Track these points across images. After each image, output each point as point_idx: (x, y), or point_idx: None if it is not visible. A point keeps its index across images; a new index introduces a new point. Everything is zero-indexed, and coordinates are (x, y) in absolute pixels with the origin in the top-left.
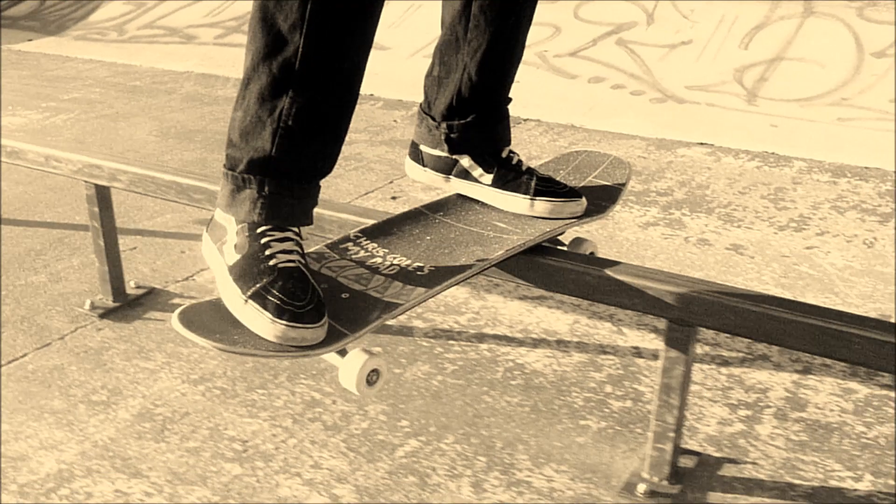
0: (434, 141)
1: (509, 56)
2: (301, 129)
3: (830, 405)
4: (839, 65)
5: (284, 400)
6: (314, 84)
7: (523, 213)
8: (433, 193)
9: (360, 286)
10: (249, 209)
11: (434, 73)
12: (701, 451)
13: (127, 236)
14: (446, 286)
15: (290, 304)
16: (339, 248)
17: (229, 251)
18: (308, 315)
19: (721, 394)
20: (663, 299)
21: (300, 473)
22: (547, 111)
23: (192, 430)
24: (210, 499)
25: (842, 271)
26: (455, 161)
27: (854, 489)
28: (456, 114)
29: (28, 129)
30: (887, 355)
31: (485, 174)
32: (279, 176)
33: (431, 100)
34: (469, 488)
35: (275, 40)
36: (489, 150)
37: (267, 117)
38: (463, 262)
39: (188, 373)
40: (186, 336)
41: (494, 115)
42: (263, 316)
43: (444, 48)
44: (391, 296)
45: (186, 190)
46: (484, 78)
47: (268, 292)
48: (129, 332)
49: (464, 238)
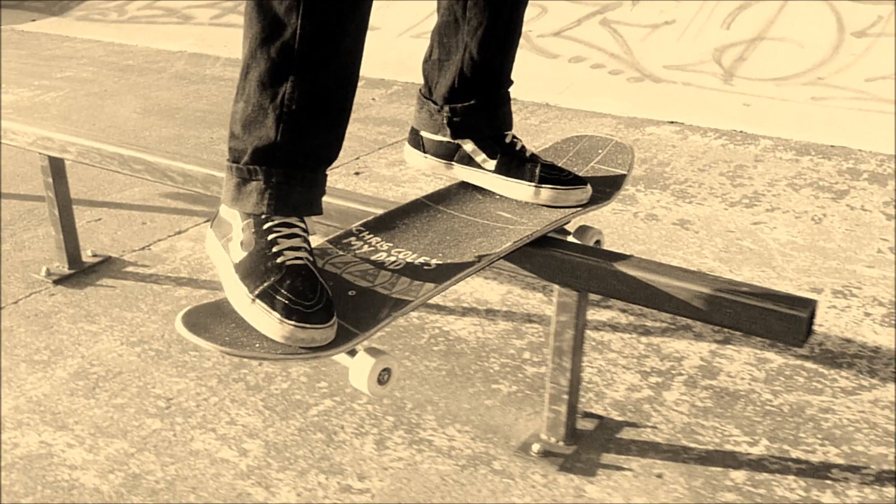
0: (436, 126)
1: (510, 32)
2: (305, 113)
3: (742, 374)
4: (819, 44)
5: (214, 362)
6: (315, 66)
7: (527, 200)
8: (396, 169)
9: (366, 283)
10: (257, 201)
11: (433, 56)
12: (604, 415)
13: (95, 208)
14: (455, 280)
15: (298, 303)
16: (342, 242)
17: (235, 248)
18: (317, 315)
19: (636, 362)
20: (550, 265)
21: (215, 429)
22: (523, 90)
23: (121, 388)
24: (127, 450)
25: (783, 246)
26: (457, 146)
27: (747, 453)
28: (458, 96)
29: (17, 105)
30: (756, 318)
31: (488, 160)
32: (285, 164)
33: (432, 84)
34: (372, 445)
35: (272, 24)
36: (492, 133)
37: (269, 104)
38: (470, 256)
39: (128, 335)
40: (191, 340)
41: (497, 97)
42: (272, 316)
43: (442, 30)
44: (400, 292)
45: (127, 161)
46: (486, 56)
47: (276, 291)
48: (80, 298)
49: (469, 230)
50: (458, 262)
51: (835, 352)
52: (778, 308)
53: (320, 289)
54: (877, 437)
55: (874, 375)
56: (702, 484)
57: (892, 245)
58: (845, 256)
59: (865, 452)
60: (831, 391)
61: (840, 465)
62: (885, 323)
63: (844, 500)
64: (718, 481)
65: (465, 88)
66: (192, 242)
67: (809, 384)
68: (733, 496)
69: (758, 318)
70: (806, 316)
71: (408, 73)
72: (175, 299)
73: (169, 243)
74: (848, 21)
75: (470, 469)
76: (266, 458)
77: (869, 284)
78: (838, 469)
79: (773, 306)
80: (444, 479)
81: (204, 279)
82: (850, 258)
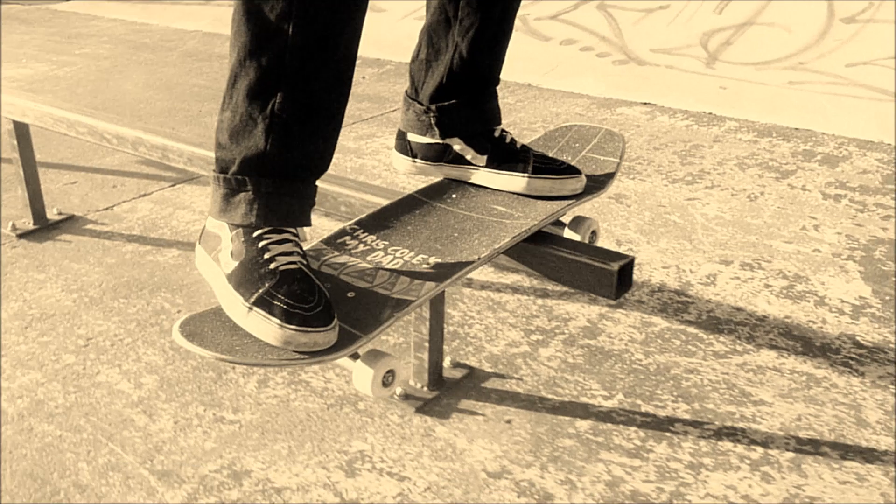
0: (423, 127)
1: (501, 34)
2: (296, 123)
3: (622, 335)
4: (806, 30)
5: (138, 308)
6: (307, 76)
7: (521, 192)
8: (362, 143)
9: (365, 283)
10: (245, 212)
11: (421, 56)
12: (476, 366)
13: (75, 172)
14: (456, 279)
15: (297, 307)
16: (337, 242)
17: (226, 259)
18: (317, 318)
19: (525, 321)
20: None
21: (121, 365)
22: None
23: (50, 328)
24: (38, 380)
25: (709, 221)
26: (446, 147)
27: (600, 405)
28: (445, 95)
29: (31, 79)
30: (574, 271)
31: (478, 156)
32: (275, 174)
33: (419, 84)
34: (255, 384)
35: (263, 33)
36: (481, 130)
37: (258, 114)
38: (469, 253)
39: (70, 284)
40: (189, 349)
41: (484, 95)
42: (271, 322)
43: (432, 29)
44: (400, 292)
45: (73, 125)
46: (476, 57)
47: (273, 297)
48: (37, 251)
49: (464, 225)
50: (456, 261)
51: (721, 319)
52: (591, 262)
53: (318, 291)
54: (731, 396)
55: (751, 342)
56: (546, 431)
57: (818, 223)
58: (767, 232)
59: (714, 410)
60: (703, 354)
61: (684, 420)
62: (781, 295)
63: (676, 451)
64: (562, 429)
65: (452, 88)
66: (152, 204)
67: (684, 347)
68: (570, 442)
69: (575, 271)
70: (615, 270)
71: (404, 54)
72: (121, 254)
73: (132, 205)
74: (839, 6)
75: (336, 408)
76: (158, 391)
77: (780, 259)
78: (681, 423)
79: (588, 260)
80: (309, 415)
81: (152, 237)
82: (772, 234)
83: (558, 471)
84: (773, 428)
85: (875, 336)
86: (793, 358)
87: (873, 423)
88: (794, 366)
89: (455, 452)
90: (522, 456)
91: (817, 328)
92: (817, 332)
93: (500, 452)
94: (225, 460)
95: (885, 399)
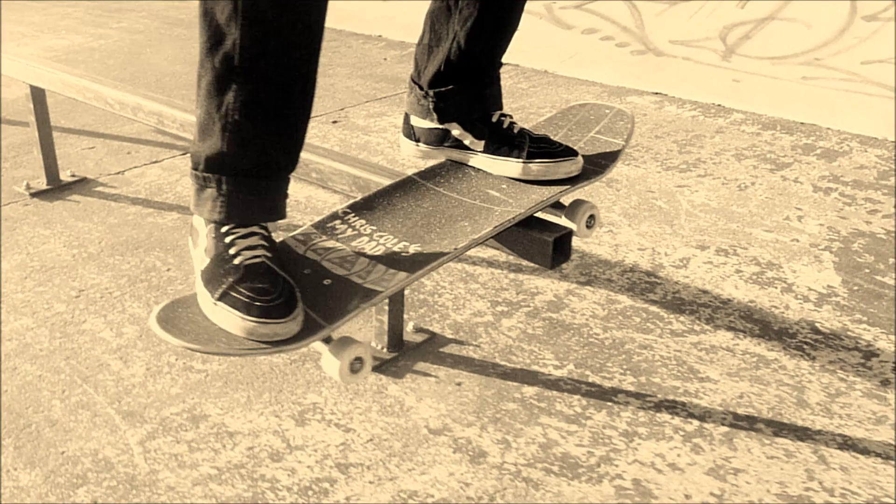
0: (423, 111)
1: (501, 26)
2: (248, 122)
3: (585, 311)
4: (826, 26)
5: (132, 265)
6: (255, 76)
7: (517, 177)
8: (371, 121)
9: (343, 271)
10: (211, 208)
11: (424, 40)
12: (438, 332)
13: (94, 138)
14: (427, 270)
15: (258, 299)
16: (327, 227)
17: (200, 256)
18: (277, 309)
19: (493, 293)
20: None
21: (106, 315)
22: (528, 58)
23: (47, 279)
24: (28, 325)
25: (695, 208)
26: (445, 131)
27: (549, 374)
28: (443, 81)
29: (67, 49)
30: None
31: (476, 141)
32: (235, 173)
33: (421, 68)
34: None
35: (215, 34)
36: (478, 115)
37: (216, 113)
38: (448, 242)
39: (72, 240)
40: (161, 336)
41: (483, 81)
42: (233, 315)
43: (434, 16)
44: (373, 281)
45: (82, 90)
46: (473, 47)
47: (235, 291)
48: (47, 209)
49: (454, 211)
50: (434, 251)
51: (685, 300)
52: (530, 232)
53: (281, 283)
54: (679, 372)
55: (710, 323)
56: (492, 394)
57: (802, 214)
58: (750, 220)
59: (659, 384)
60: (660, 332)
61: (628, 392)
62: (750, 280)
63: (614, 420)
64: (509, 393)
65: (450, 75)
66: (161, 171)
67: (643, 324)
68: (514, 406)
69: (515, 240)
70: (551, 240)
71: None
72: (124, 215)
73: (142, 170)
74: (861, 5)
75: (298, 363)
76: (136, 340)
77: (757, 246)
78: (624, 394)
79: (528, 230)
80: (272, 368)
81: (156, 200)
82: (754, 222)
83: (497, 431)
84: (714, 404)
85: (835, 323)
86: (748, 340)
87: (813, 405)
88: (747, 347)
89: (402, 409)
90: (465, 416)
91: (779, 313)
92: (778, 316)
93: (445, 411)
94: (187, 405)
95: (830, 383)
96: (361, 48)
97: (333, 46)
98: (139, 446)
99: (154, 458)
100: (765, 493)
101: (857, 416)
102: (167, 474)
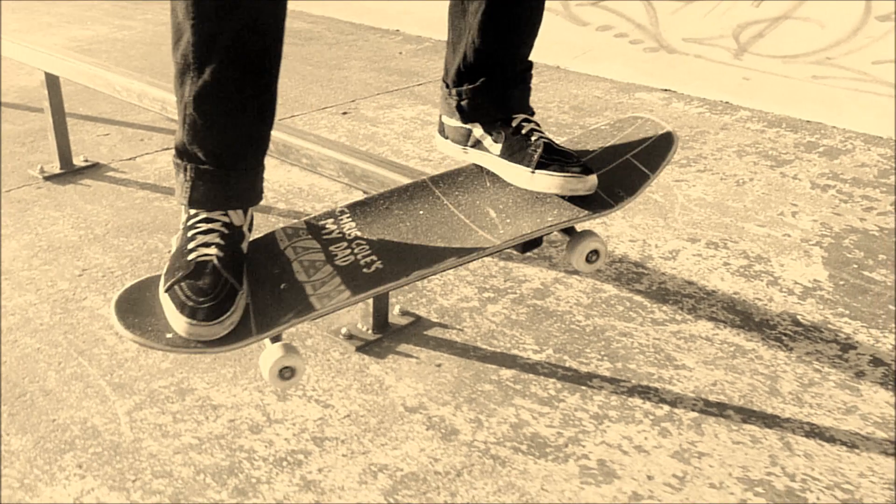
0: (450, 110)
1: (515, 19)
2: (199, 114)
3: (570, 299)
4: (839, 26)
5: (135, 246)
6: (207, 73)
7: (525, 186)
8: (380, 112)
9: (304, 276)
10: (179, 193)
11: (448, 38)
12: (423, 316)
13: (110, 125)
14: (368, 295)
15: (192, 299)
16: (317, 225)
17: (174, 242)
18: (204, 311)
19: (482, 279)
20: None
21: (106, 293)
22: (541, 53)
23: (53, 258)
24: (31, 301)
25: (690, 202)
26: (469, 131)
27: (528, 358)
28: (464, 79)
29: (91, 40)
30: None
31: (493, 144)
32: (195, 160)
33: (448, 67)
34: None
35: (177, 31)
36: (499, 116)
37: (179, 104)
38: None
39: (79, 222)
40: (112, 320)
41: (503, 80)
42: (172, 309)
43: (452, 12)
44: (319, 295)
45: (92, 77)
46: (487, 41)
47: (180, 286)
48: (58, 192)
49: (440, 228)
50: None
51: (670, 290)
52: None
53: (221, 285)
54: (655, 360)
55: (692, 313)
56: (470, 376)
57: (797, 210)
58: (744, 215)
59: (634, 370)
60: (641, 320)
61: (603, 377)
62: (737, 273)
63: (586, 403)
64: (486, 375)
65: (469, 72)
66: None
67: (626, 313)
68: (490, 387)
69: None
70: None
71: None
72: (132, 199)
73: (153, 157)
74: (876, 5)
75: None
76: None
77: (748, 240)
78: (599, 379)
79: None
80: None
81: (164, 185)
82: (748, 217)
83: (471, 410)
84: (686, 390)
85: (816, 316)
86: (728, 330)
87: (785, 394)
88: (726, 337)
89: (381, 387)
90: (442, 395)
91: (762, 305)
92: (760, 308)
93: (423, 391)
94: (175, 378)
95: (804, 373)
96: (378, 42)
97: (350, 40)
98: (126, 416)
99: (139, 428)
100: (726, 476)
101: (828, 405)
102: (150, 443)
